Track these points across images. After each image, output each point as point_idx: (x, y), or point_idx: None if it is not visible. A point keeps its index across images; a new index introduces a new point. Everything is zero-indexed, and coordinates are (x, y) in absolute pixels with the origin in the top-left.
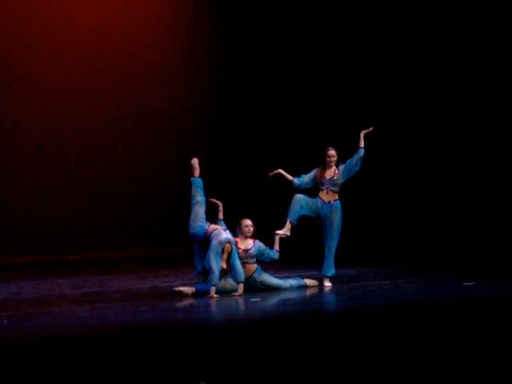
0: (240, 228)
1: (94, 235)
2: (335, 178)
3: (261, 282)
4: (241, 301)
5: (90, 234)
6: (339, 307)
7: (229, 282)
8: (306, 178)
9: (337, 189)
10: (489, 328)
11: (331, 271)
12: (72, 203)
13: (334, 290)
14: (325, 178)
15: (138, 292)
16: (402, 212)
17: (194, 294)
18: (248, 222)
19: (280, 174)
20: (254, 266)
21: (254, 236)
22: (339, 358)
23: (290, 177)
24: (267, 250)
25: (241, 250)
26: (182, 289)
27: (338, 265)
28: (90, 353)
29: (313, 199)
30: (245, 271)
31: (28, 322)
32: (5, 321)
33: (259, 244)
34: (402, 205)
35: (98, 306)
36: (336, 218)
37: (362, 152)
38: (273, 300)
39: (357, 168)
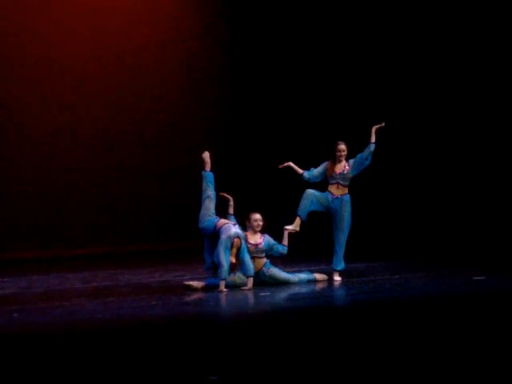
0: (249, 222)
1: (103, 229)
2: (345, 172)
3: (270, 276)
4: (250, 295)
5: (99, 227)
6: (349, 301)
7: (238, 277)
8: (316, 172)
9: (347, 183)
10: (499, 323)
11: (341, 265)
12: (81, 197)
13: (343, 284)
14: (335, 172)
15: (148, 286)
16: (412, 206)
17: (204, 289)
18: (257, 216)
19: (290, 166)
20: (264, 261)
21: (264, 230)
22: (349, 353)
23: (300, 170)
24: (276, 245)
25: (250, 245)
26: (191, 283)
27: (347, 259)
28: (100, 347)
29: (323, 194)
30: (254, 265)
31: (38, 316)
32: (15, 314)
33: (268, 238)
34: (412, 199)
35: (108, 300)
36: (346, 212)
37: (372, 147)
38: (282, 294)
39: (367, 162)
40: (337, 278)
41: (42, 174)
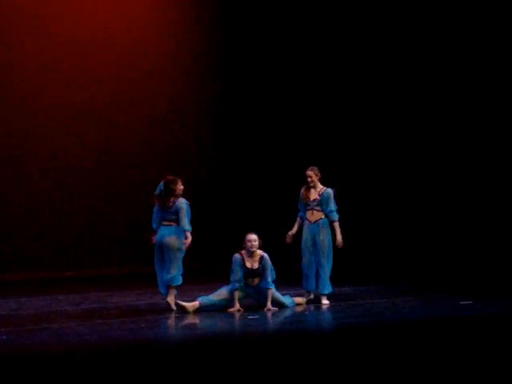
0: (244, 243)
1: (92, 252)
2: (318, 200)
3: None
4: (239, 318)
5: (88, 250)
6: (337, 325)
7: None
8: (300, 206)
9: (321, 208)
10: (486, 347)
11: (328, 289)
12: (71, 220)
13: (331, 308)
14: (309, 198)
15: (136, 308)
16: (400, 231)
17: (197, 310)
18: (252, 236)
19: (293, 235)
20: (259, 279)
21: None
22: (338, 377)
23: (296, 226)
24: (267, 278)
25: (245, 268)
26: (184, 304)
27: (335, 283)
28: (89, 369)
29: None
30: (252, 282)
31: (27, 338)
32: (4, 337)
33: (266, 262)
34: (400, 223)
35: (97, 323)
36: (325, 236)
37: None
38: (269, 318)
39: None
40: (324, 301)
41: (31, 196)
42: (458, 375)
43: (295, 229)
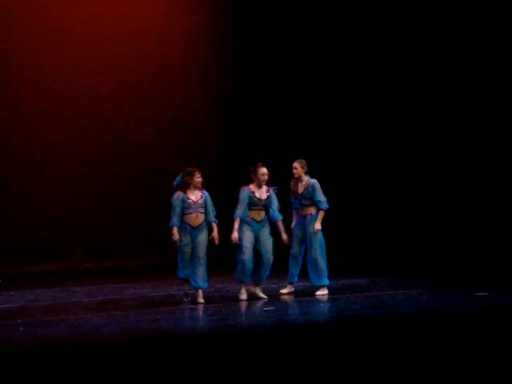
0: (256, 176)
1: (109, 243)
2: (305, 193)
3: (264, 233)
4: (255, 309)
5: (105, 242)
6: (352, 317)
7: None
8: (292, 198)
9: (309, 202)
10: (502, 338)
11: (320, 281)
12: (87, 211)
13: (346, 299)
14: (297, 191)
15: (152, 300)
16: (416, 222)
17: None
18: (264, 170)
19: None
20: (264, 214)
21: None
22: (353, 368)
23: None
24: (273, 209)
25: (256, 198)
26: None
27: (350, 274)
28: (105, 360)
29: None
30: (258, 215)
31: (44, 330)
32: (21, 328)
33: (273, 195)
34: (415, 215)
35: (113, 314)
36: (313, 229)
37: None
38: (284, 309)
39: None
40: (318, 292)
41: (47, 189)
42: (474, 366)
43: (294, 222)
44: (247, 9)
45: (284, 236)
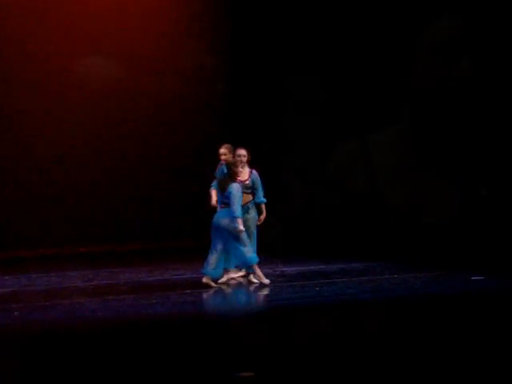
0: (233, 158)
1: (104, 228)
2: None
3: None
4: (249, 293)
5: (100, 226)
6: (348, 300)
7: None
8: None
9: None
10: (498, 322)
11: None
12: (82, 195)
13: (342, 283)
14: (240, 179)
15: (147, 284)
16: (411, 206)
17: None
18: (242, 151)
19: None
20: (250, 197)
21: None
22: (348, 352)
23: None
24: (258, 190)
25: (238, 181)
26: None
27: (346, 259)
28: (100, 345)
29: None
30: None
31: (39, 314)
32: (16, 313)
33: (256, 176)
34: (409, 198)
35: (109, 299)
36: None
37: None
38: (282, 293)
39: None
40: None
41: (42, 174)
42: (470, 350)
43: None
44: (247, 9)
45: (261, 217)
